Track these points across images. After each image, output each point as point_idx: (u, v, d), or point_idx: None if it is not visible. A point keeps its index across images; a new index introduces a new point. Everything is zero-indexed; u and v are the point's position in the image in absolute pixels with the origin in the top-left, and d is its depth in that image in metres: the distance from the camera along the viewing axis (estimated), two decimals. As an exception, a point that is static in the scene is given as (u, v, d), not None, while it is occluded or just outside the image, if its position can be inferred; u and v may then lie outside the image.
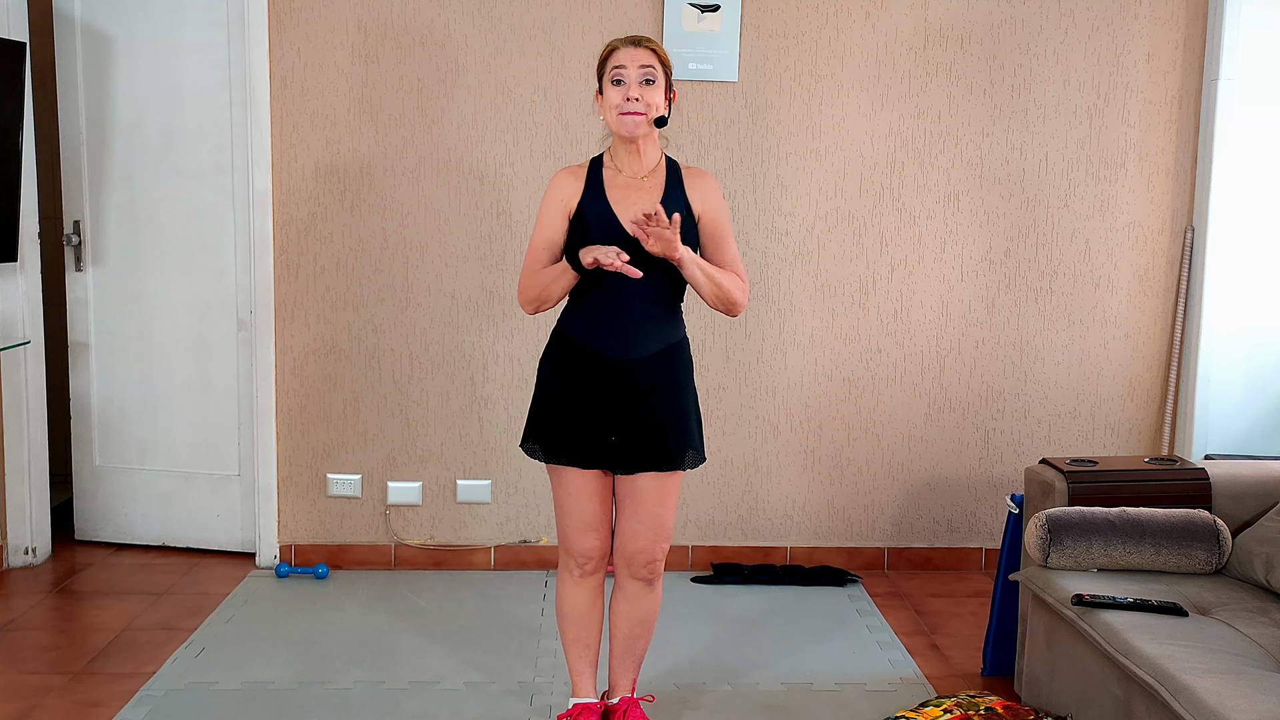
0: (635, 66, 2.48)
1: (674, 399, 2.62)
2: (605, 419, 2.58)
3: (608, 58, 2.53)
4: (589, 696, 2.83)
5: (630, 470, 2.62)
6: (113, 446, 4.25)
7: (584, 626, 2.77)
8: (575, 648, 2.80)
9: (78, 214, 4.17)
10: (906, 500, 4.19)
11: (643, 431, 2.58)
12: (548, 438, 2.63)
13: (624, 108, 2.48)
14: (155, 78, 4.04)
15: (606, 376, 2.57)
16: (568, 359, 2.61)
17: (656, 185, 2.58)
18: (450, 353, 4.03)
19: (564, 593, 2.77)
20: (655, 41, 2.57)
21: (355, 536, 4.12)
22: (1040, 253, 4.10)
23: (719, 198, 2.63)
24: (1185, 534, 2.85)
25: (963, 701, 2.78)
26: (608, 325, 2.56)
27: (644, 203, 2.53)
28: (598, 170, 2.60)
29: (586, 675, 2.82)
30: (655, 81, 2.49)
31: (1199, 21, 4.01)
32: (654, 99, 2.49)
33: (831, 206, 4.04)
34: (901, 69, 3.99)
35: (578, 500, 2.64)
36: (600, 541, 2.69)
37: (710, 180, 2.64)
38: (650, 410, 2.58)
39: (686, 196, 2.60)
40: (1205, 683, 2.22)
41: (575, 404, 2.59)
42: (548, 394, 2.64)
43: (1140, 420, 4.18)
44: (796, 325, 4.08)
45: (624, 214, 2.52)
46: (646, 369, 2.57)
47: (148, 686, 3.13)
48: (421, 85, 3.93)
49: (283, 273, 3.99)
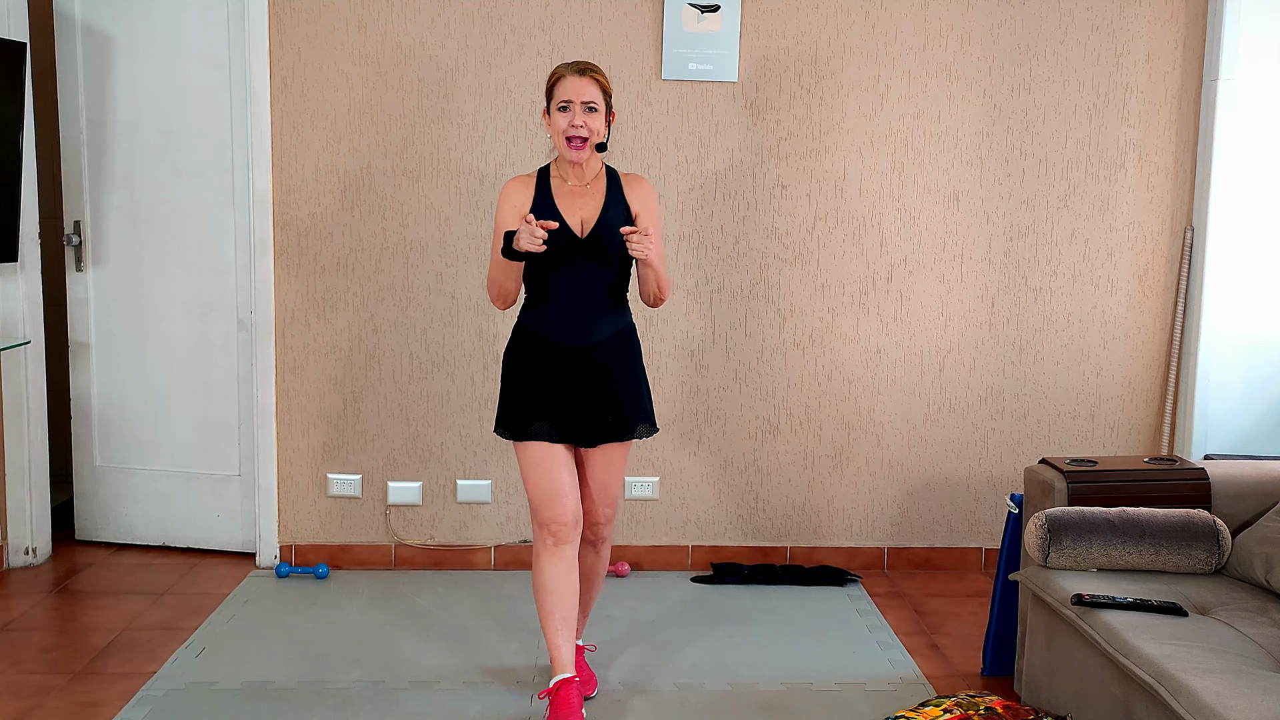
0: (579, 99, 2.81)
1: (626, 377, 2.94)
2: (568, 396, 2.88)
3: (555, 85, 2.85)
4: (568, 671, 2.91)
5: (593, 443, 2.91)
6: (113, 446, 4.25)
7: (560, 597, 2.90)
8: (552, 619, 2.91)
9: (78, 214, 4.17)
10: (906, 500, 4.19)
11: (601, 407, 2.89)
12: (519, 418, 2.90)
13: (569, 132, 2.81)
14: (155, 78, 4.04)
15: (566, 362, 2.88)
16: (530, 350, 2.91)
17: (599, 191, 2.91)
18: (450, 353, 4.03)
19: (540, 565, 2.92)
20: (599, 70, 2.88)
21: (355, 536, 4.13)
22: (1040, 253, 4.10)
23: (654, 202, 2.97)
24: (1185, 534, 2.85)
25: (962, 701, 2.78)
26: (563, 318, 2.88)
27: (588, 206, 2.88)
28: (546, 179, 2.93)
29: (564, 649, 2.91)
30: (597, 110, 2.83)
31: (1199, 21, 4.01)
32: (596, 125, 2.83)
33: (831, 206, 4.04)
34: (901, 69, 3.99)
35: (546, 471, 2.88)
36: (571, 506, 2.89)
37: (647, 185, 2.97)
38: (606, 388, 2.89)
39: (626, 200, 2.93)
40: (1205, 683, 2.22)
41: (541, 388, 2.88)
42: (515, 381, 2.93)
43: (1140, 420, 4.19)
44: (796, 325, 4.08)
45: (570, 216, 2.86)
46: (600, 353, 2.89)
47: (148, 686, 3.13)
48: (421, 85, 3.93)
49: (283, 273, 4.00)
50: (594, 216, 2.86)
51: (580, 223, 2.86)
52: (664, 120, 3.97)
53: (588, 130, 2.81)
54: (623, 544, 4.14)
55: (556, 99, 2.83)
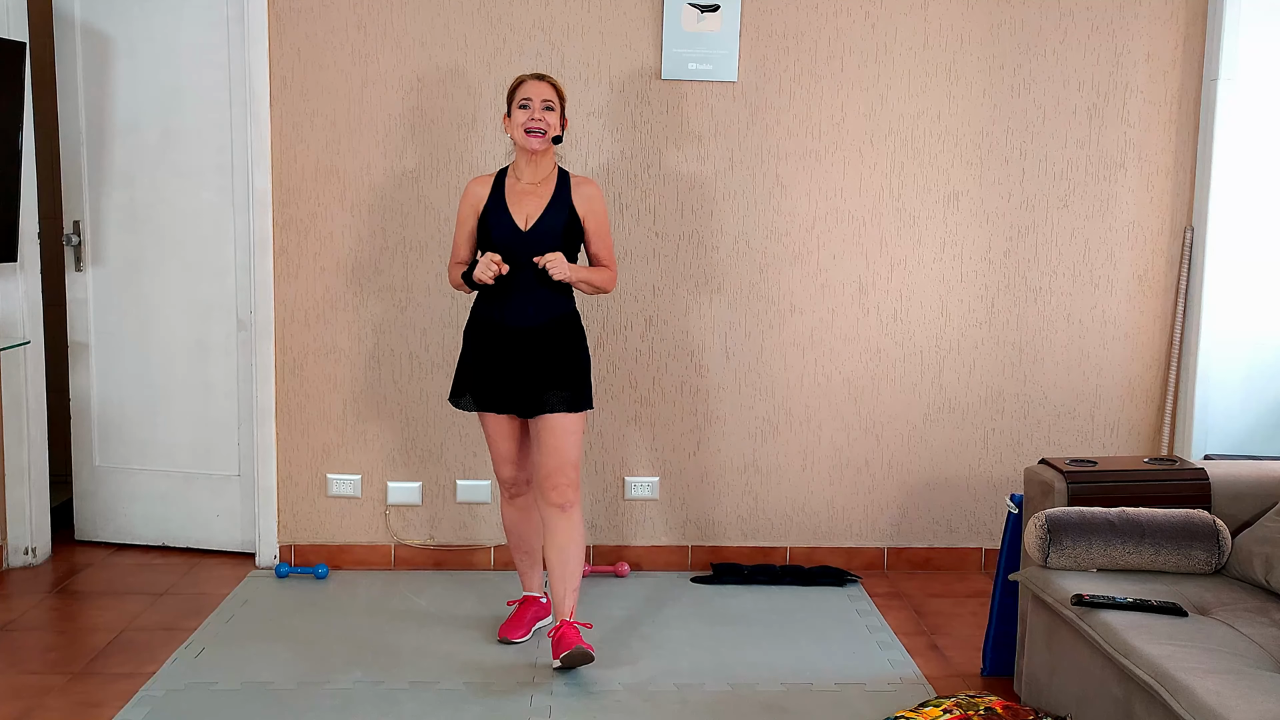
0: (538, 98, 3.19)
1: (563, 356, 3.26)
2: (511, 371, 3.25)
3: (516, 88, 3.23)
4: (534, 591, 3.56)
5: (533, 414, 3.26)
6: (112, 447, 4.25)
7: (521, 535, 3.50)
8: (517, 553, 3.53)
9: (78, 214, 4.17)
10: (906, 500, 4.19)
11: (539, 381, 3.24)
12: (470, 390, 3.32)
13: (529, 125, 3.18)
14: (155, 78, 4.04)
15: (508, 341, 3.25)
16: (482, 330, 3.29)
17: (547, 191, 3.27)
18: (450, 352, 4.03)
19: (503, 511, 3.50)
20: (555, 78, 3.43)
21: (355, 536, 4.13)
22: (1040, 253, 4.10)
23: (600, 202, 3.31)
24: (1185, 534, 2.85)
25: (962, 702, 2.78)
26: (507, 302, 3.24)
27: (534, 204, 3.24)
28: (502, 179, 3.31)
29: (529, 574, 3.56)
30: (554, 109, 3.22)
31: (1199, 21, 4.01)
32: (552, 121, 3.21)
33: (831, 206, 4.04)
34: (901, 69, 3.99)
35: (494, 438, 3.37)
36: (518, 470, 3.42)
37: (593, 187, 3.31)
38: (544, 364, 3.24)
39: (572, 200, 3.27)
40: (1205, 683, 2.22)
41: (485, 363, 3.28)
42: (469, 357, 3.33)
43: (1140, 420, 4.19)
44: (796, 325, 4.08)
45: (518, 213, 3.24)
46: (538, 334, 3.24)
47: (148, 687, 3.13)
48: (421, 85, 3.93)
49: (283, 273, 4.00)
50: (537, 214, 3.23)
51: (525, 218, 3.22)
52: (664, 120, 3.96)
53: (545, 124, 3.18)
54: (623, 544, 4.14)
55: (518, 99, 3.20)
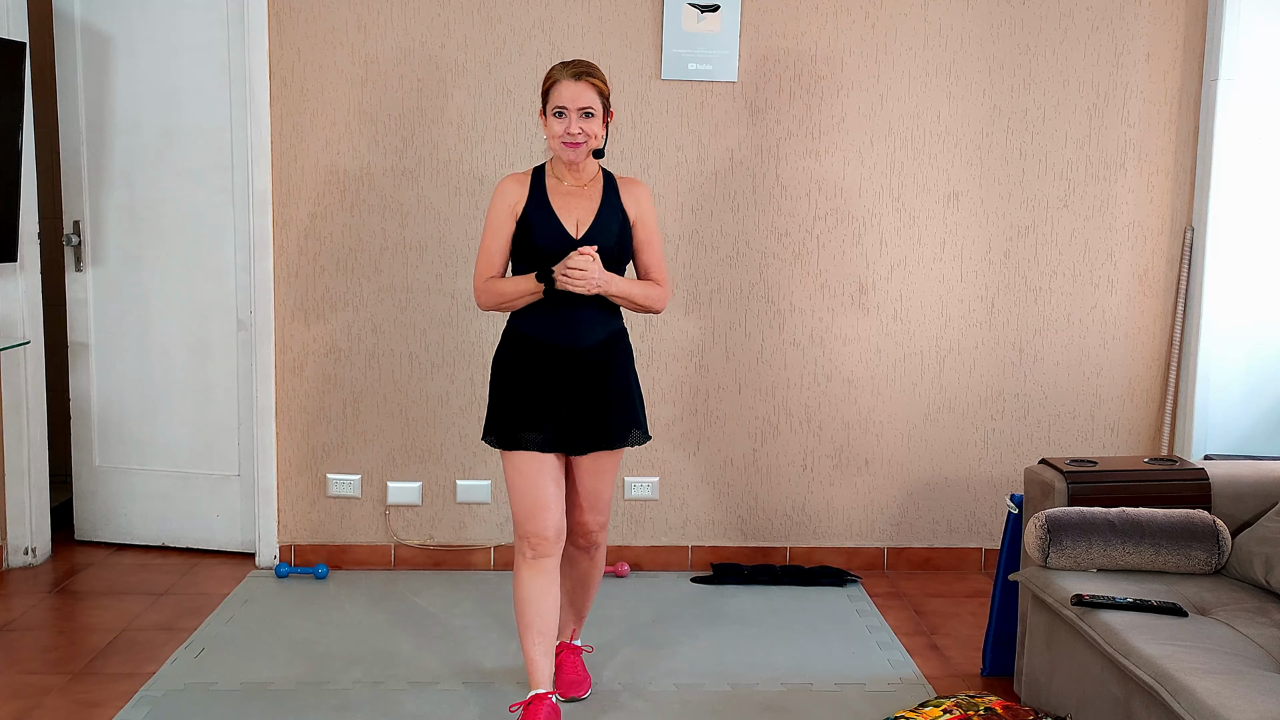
0: (575, 106, 2.74)
1: (617, 381, 2.87)
2: (559, 402, 2.81)
3: (550, 89, 2.78)
4: (544, 687, 2.85)
5: (583, 450, 2.85)
6: (112, 447, 4.25)
7: (539, 612, 2.83)
8: (530, 634, 2.84)
9: (78, 214, 4.17)
10: (906, 500, 4.19)
11: (592, 411, 2.83)
12: (508, 426, 2.83)
13: (566, 139, 2.75)
14: (155, 78, 4.04)
15: (557, 365, 2.81)
16: (522, 354, 2.84)
17: (595, 193, 2.86)
18: (450, 353, 4.03)
19: (519, 577, 2.86)
20: (596, 72, 2.79)
21: (355, 536, 4.12)
22: (1040, 253, 4.10)
23: (650, 204, 2.92)
24: (1185, 534, 2.85)
25: (962, 702, 2.78)
26: (554, 320, 2.80)
27: (584, 207, 2.83)
28: (541, 179, 2.87)
29: (541, 665, 2.85)
30: (594, 115, 2.76)
31: (1199, 21, 4.01)
32: (594, 130, 2.77)
33: (831, 206, 4.04)
34: (901, 69, 3.99)
35: (531, 482, 2.80)
36: (554, 520, 2.82)
37: (643, 188, 2.93)
38: (597, 392, 2.83)
39: (622, 204, 2.88)
40: (1205, 683, 2.22)
41: (530, 393, 2.82)
42: (505, 386, 2.86)
43: (1140, 420, 4.18)
44: (796, 325, 4.08)
45: (567, 219, 2.82)
46: (591, 355, 2.82)
47: (147, 687, 3.13)
48: (421, 85, 3.93)
49: (283, 273, 3.99)
50: (589, 218, 2.82)
51: (575, 224, 2.81)
52: (664, 120, 3.96)
53: (584, 136, 2.75)
54: (623, 544, 4.14)
55: (552, 104, 2.76)
